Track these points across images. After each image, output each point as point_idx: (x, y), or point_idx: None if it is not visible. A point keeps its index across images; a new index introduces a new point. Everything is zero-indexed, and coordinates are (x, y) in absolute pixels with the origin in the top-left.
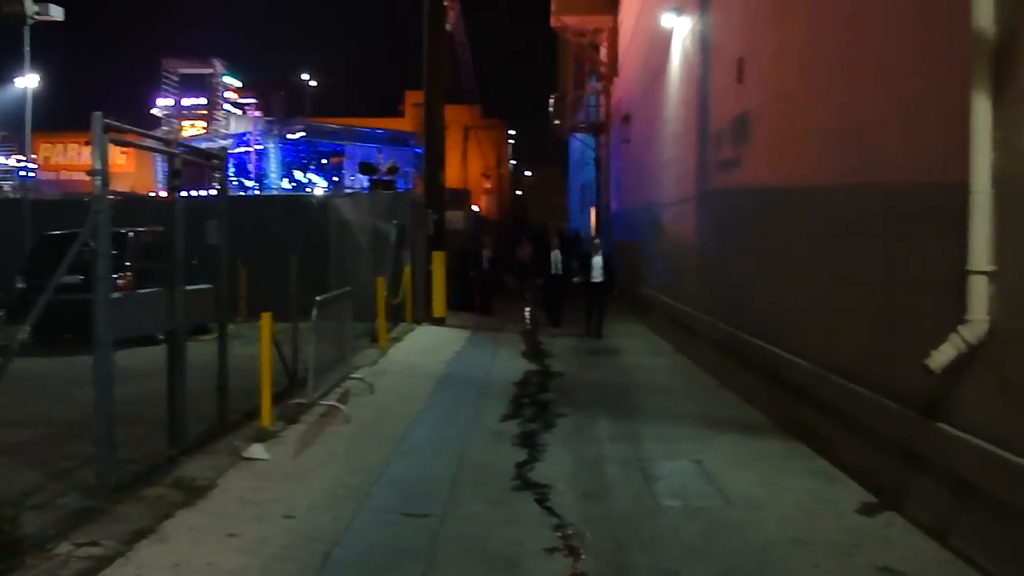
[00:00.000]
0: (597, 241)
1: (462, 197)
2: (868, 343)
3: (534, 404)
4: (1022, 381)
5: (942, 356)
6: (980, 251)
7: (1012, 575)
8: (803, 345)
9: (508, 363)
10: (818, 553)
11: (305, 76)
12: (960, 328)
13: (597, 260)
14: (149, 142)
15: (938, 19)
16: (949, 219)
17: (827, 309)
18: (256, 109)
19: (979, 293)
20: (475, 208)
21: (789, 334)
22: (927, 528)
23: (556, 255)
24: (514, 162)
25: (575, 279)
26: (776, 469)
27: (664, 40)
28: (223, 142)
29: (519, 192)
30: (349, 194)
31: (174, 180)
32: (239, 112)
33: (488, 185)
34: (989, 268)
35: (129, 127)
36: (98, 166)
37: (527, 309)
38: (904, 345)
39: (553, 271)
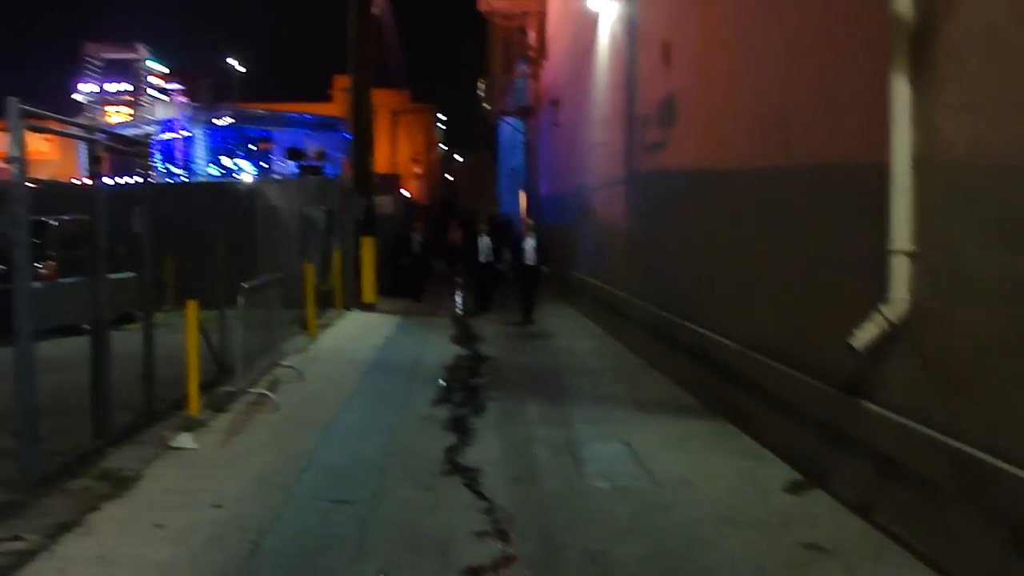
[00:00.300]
0: (530, 222)
1: (392, 182)
2: (794, 323)
3: (464, 388)
4: (941, 358)
5: (865, 335)
6: (901, 231)
7: (932, 547)
8: (731, 326)
9: (438, 348)
10: (746, 531)
11: (232, 61)
12: (882, 307)
13: (529, 242)
14: (69, 129)
15: (858, 2)
16: (871, 200)
17: (754, 290)
18: (182, 95)
19: (900, 273)
20: (405, 193)
21: (717, 315)
22: (852, 505)
23: (485, 241)
24: (444, 147)
25: (499, 267)
26: (704, 449)
27: (591, 23)
28: (148, 128)
29: (449, 177)
30: (277, 180)
31: (96, 167)
32: (165, 98)
33: (418, 170)
34: (910, 248)
35: (48, 113)
36: (15, 153)
37: (457, 294)
38: (829, 325)
39: (482, 258)
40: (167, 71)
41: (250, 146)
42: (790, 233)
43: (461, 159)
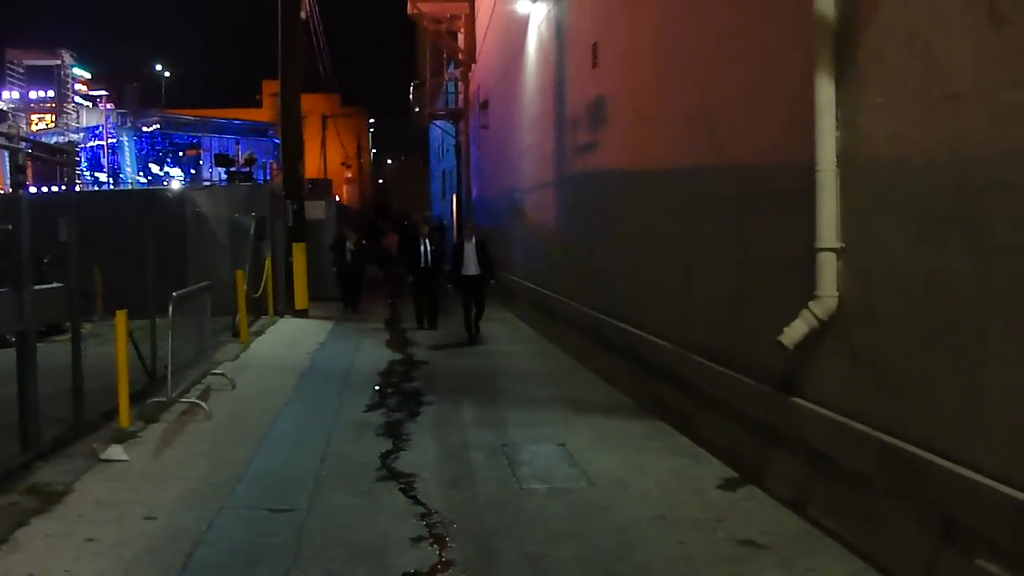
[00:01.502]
0: (470, 225)
1: (323, 187)
2: (727, 322)
3: (398, 393)
4: (869, 353)
5: (794, 332)
6: (828, 229)
7: (864, 540)
8: (664, 326)
9: (372, 353)
10: (682, 530)
11: (159, 67)
12: (811, 304)
13: (470, 248)
14: None
15: (783, 3)
16: (798, 198)
17: (686, 290)
18: (108, 101)
19: (827, 269)
20: (337, 198)
21: (650, 316)
22: (786, 501)
23: (426, 244)
24: (375, 151)
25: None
26: (639, 449)
27: (520, 26)
28: (73, 136)
29: (381, 181)
30: (206, 187)
31: (18, 176)
32: (90, 104)
33: (349, 174)
34: (837, 245)
35: None
36: None
37: (390, 299)
38: (760, 323)
39: (423, 263)
40: (91, 77)
41: (179, 153)
42: (721, 233)
43: (392, 163)
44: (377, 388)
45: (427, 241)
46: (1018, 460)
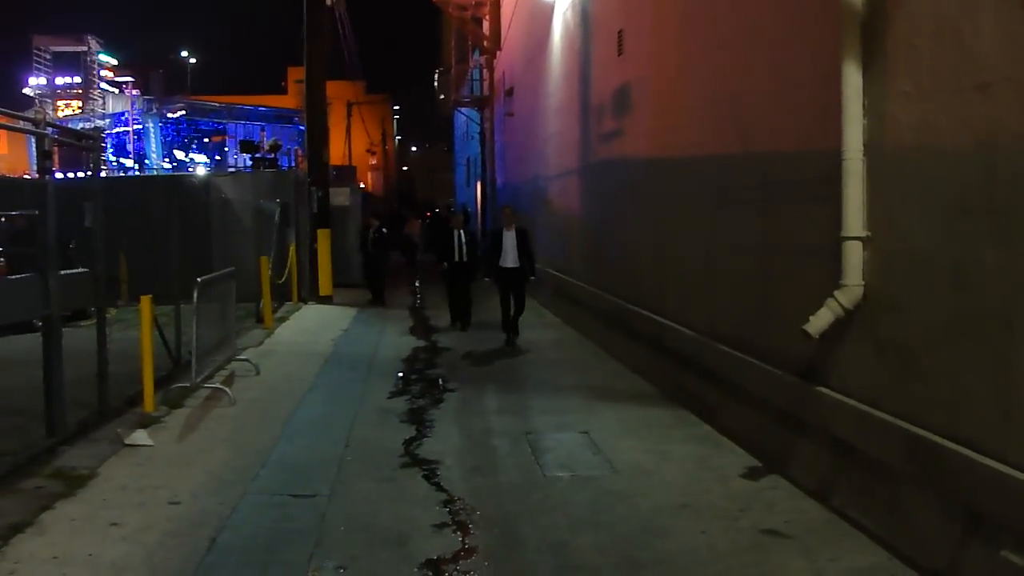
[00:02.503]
0: (509, 210)
1: (348, 174)
2: (750, 310)
3: (422, 380)
4: (894, 343)
5: (820, 321)
6: (853, 217)
7: (888, 530)
8: (689, 314)
9: (395, 340)
10: (704, 518)
11: (184, 53)
12: (836, 293)
13: (509, 238)
14: (17, 123)
15: None
16: (824, 186)
17: (710, 278)
18: (134, 88)
19: (853, 258)
20: (361, 185)
21: (674, 304)
22: (810, 490)
23: (460, 236)
24: (399, 138)
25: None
26: (662, 437)
27: (546, 13)
28: (100, 122)
29: (405, 168)
30: (231, 173)
31: (44, 162)
32: (116, 91)
33: (374, 161)
34: (863, 233)
35: None
36: None
37: (414, 286)
38: (786, 312)
39: (457, 257)
40: (117, 63)
41: (204, 139)
42: (746, 220)
43: (416, 150)
44: (401, 375)
45: (460, 233)
46: None
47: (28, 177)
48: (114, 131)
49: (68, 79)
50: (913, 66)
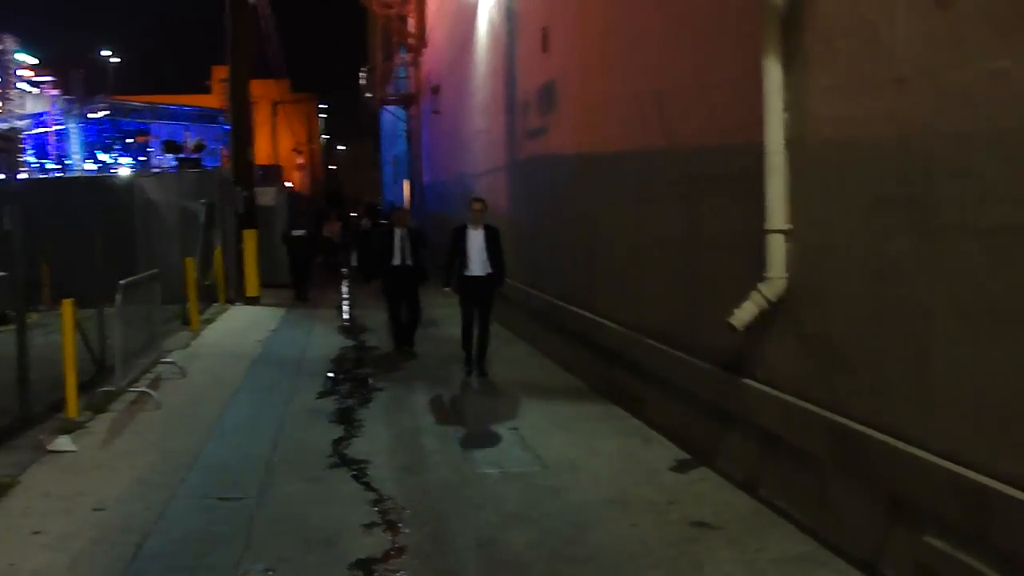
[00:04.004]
0: (480, 204)
1: (274, 173)
2: (678, 305)
3: (350, 380)
4: (818, 334)
5: (744, 314)
6: (776, 210)
7: (815, 519)
8: (617, 309)
9: (324, 340)
10: (634, 512)
11: (106, 52)
12: (760, 286)
13: (476, 238)
14: None
15: None
16: (748, 181)
17: (638, 273)
18: (54, 87)
19: (776, 251)
20: (288, 184)
21: (603, 299)
22: (737, 481)
23: (402, 237)
24: (326, 136)
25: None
26: (592, 432)
27: (471, 10)
28: (18, 123)
29: (332, 167)
30: (155, 174)
31: None
32: (35, 91)
33: (300, 160)
34: (785, 226)
35: None
36: None
37: (344, 285)
38: (711, 305)
39: (397, 261)
40: (37, 62)
41: (127, 140)
42: (672, 215)
43: (344, 148)
44: (329, 375)
45: (404, 232)
46: (964, 438)
47: None
48: (34, 132)
49: None
50: (831, 61)
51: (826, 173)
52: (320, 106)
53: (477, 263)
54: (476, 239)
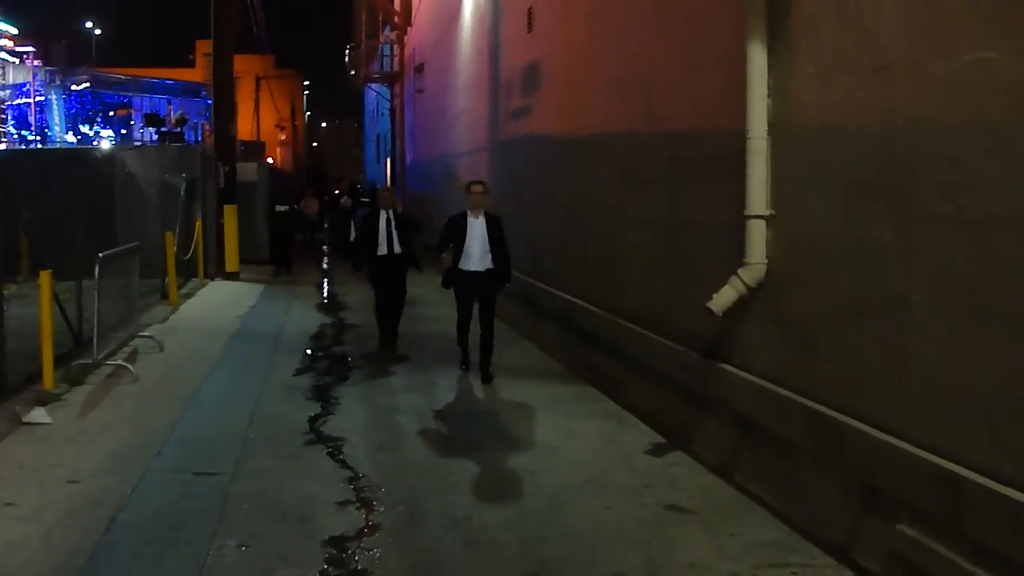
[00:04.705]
0: (480, 187)
1: (257, 149)
2: (657, 288)
3: (328, 357)
4: (797, 321)
5: (723, 299)
6: (757, 196)
7: (789, 505)
8: (597, 292)
9: (303, 316)
10: (609, 494)
11: (89, 24)
12: (740, 271)
13: (477, 227)
14: None
15: None
16: (730, 165)
17: (618, 256)
18: (36, 58)
19: (757, 236)
20: (270, 160)
21: (583, 282)
22: (713, 466)
23: (388, 220)
24: (309, 113)
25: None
26: (569, 414)
27: None
28: None
29: (315, 144)
30: (136, 147)
31: None
32: (16, 61)
33: (283, 137)
34: (766, 212)
35: None
36: None
37: (324, 262)
38: (690, 289)
39: (384, 249)
40: (17, 32)
41: (109, 112)
42: (654, 198)
43: (327, 126)
44: (307, 351)
45: (390, 214)
46: (940, 428)
47: None
48: (15, 103)
49: None
50: (816, 47)
51: (808, 160)
52: (304, 83)
53: (476, 256)
54: (476, 229)
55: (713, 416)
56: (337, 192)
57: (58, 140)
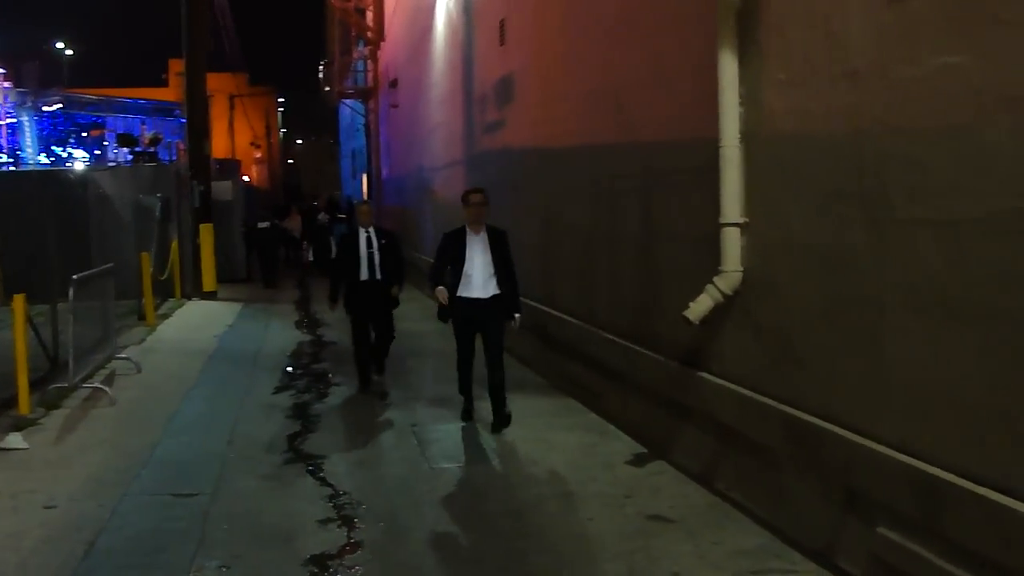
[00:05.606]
0: (479, 197)
1: (232, 167)
2: (635, 298)
3: (307, 375)
4: (773, 327)
5: (700, 307)
6: (731, 204)
7: (771, 512)
8: (574, 304)
9: (281, 334)
10: (591, 506)
11: (60, 44)
12: (716, 279)
13: (478, 244)
14: None
15: None
16: (704, 174)
17: (594, 266)
18: (6, 79)
19: (732, 244)
20: (246, 178)
21: (560, 293)
22: (694, 475)
23: (368, 239)
24: (285, 131)
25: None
26: (549, 426)
27: (429, 4)
28: None
29: (291, 161)
30: (110, 168)
31: None
32: None
33: (258, 155)
34: (741, 220)
35: None
36: None
37: (299, 282)
38: (667, 299)
39: (366, 275)
40: None
41: (82, 133)
42: (629, 209)
43: (302, 142)
44: (286, 369)
45: (371, 233)
46: (916, 430)
47: None
48: None
49: None
50: (786, 54)
51: (781, 167)
52: (279, 100)
53: (479, 280)
54: (477, 247)
55: (693, 425)
56: (316, 205)
57: (31, 162)
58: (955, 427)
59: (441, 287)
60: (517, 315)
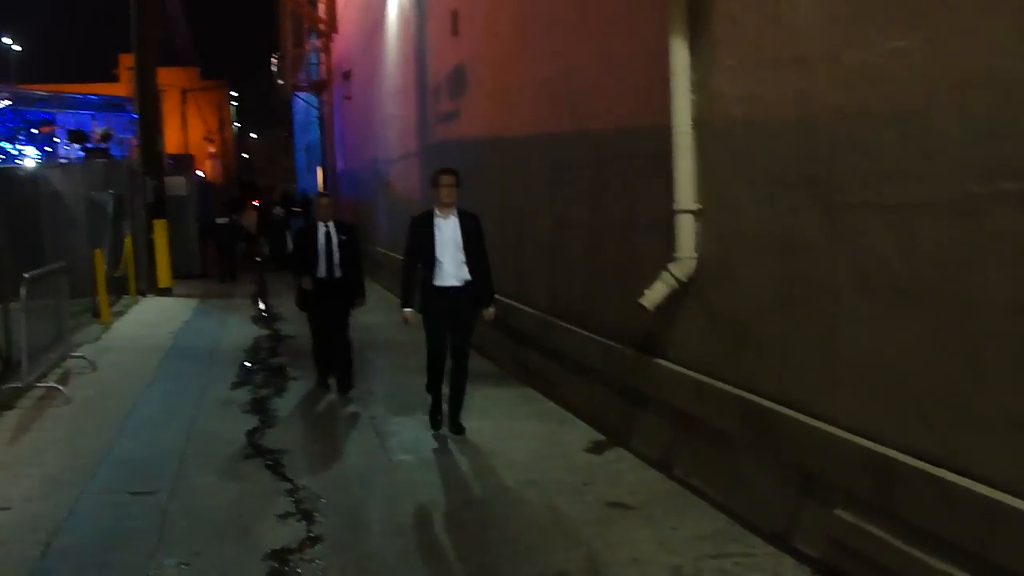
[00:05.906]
0: (450, 179)
1: (186, 162)
2: (590, 286)
3: (265, 369)
4: (727, 312)
5: (655, 294)
6: (685, 190)
7: (729, 496)
8: (531, 293)
9: (238, 330)
10: (551, 494)
11: (7, 40)
12: (670, 266)
13: (449, 228)
14: None
15: None
16: (657, 161)
17: (549, 255)
18: None
19: (686, 231)
20: (200, 173)
21: (517, 283)
22: (652, 461)
23: (328, 235)
24: (239, 125)
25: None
26: (507, 415)
27: None
28: None
29: (245, 155)
30: (60, 164)
31: None
32: None
33: (212, 149)
34: (694, 207)
35: None
36: None
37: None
38: (623, 286)
39: (324, 272)
40: None
41: (32, 130)
42: (583, 197)
43: (256, 136)
44: (243, 365)
45: (331, 228)
46: (871, 413)
47: None
48: None
49: None
50: (736, 40)
51: (733, 153)
52: (232, 94)
53: (450, 268)
54: (447, 232)
55: (651, 411)
56: (271, 197)
57: None
58: (907, 408)
59: (408, 311)
60: (491, 307)
